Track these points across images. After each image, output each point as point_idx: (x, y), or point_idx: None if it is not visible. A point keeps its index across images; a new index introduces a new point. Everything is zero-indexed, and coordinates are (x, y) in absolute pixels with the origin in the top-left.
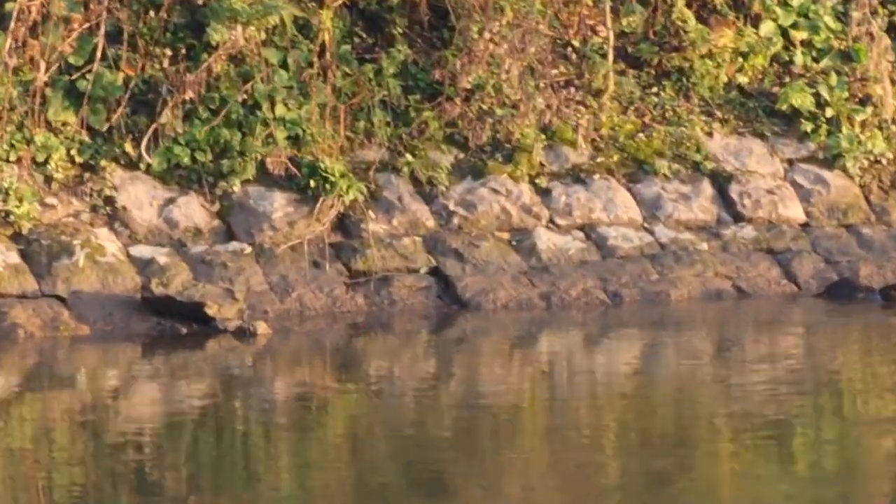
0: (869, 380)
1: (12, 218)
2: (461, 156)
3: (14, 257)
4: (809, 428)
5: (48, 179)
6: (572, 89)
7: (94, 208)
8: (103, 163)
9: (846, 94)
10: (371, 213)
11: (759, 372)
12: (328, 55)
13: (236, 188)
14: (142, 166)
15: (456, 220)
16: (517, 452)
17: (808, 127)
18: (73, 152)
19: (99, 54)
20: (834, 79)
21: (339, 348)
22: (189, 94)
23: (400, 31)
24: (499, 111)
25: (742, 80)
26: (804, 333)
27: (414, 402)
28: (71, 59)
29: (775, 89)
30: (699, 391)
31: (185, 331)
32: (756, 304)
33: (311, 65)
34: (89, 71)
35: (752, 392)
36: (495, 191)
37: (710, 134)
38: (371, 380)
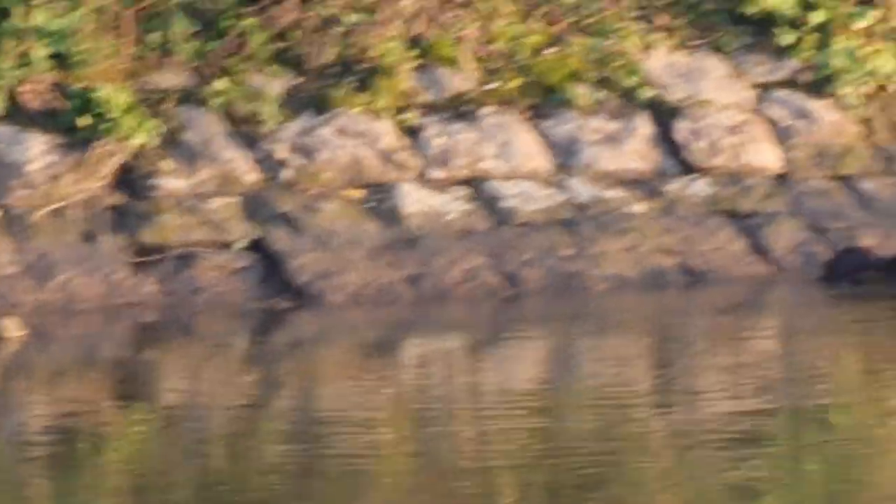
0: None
1: None
2: (296, 81)
3: None
4: None
5: None
6: None
7: None
8: None
9: None
10: (167, 164)
11: (712, 405)
12: None
13: None
14: None
15: (288, 174)
16: None
17: (788, 38)
18: None
19: None
20: None
21: (119, 359)
22: None
23: None
24: (349, 17)
25: None
26: (792, 341)
27: (220, 437)
28: None
29: None
30: (620, 430)
31: None
32: (713, 291)
33: None
34: None
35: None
36: (343, 131)
37: (647, 48)
38: (160, 405)
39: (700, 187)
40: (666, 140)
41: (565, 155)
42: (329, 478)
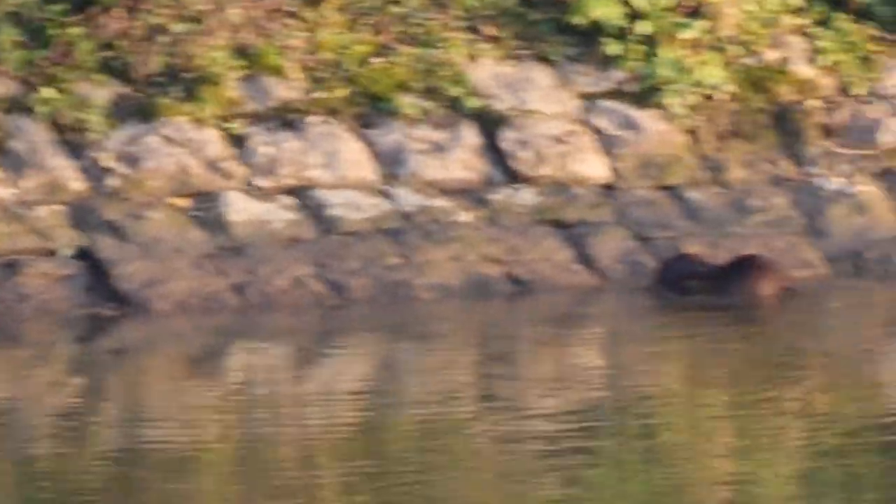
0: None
1: None
2: (122, 90)
3: None
4: None
5: None
6: None
7: None
8: None
9: (669, 3)
10: None
11: (533, 415)
12: None
13: None
14: None
15: (113, 182)
16: None
17: (614, 48)
18: None
19: None
20: None
21: None
22: None
23: None
24: (176, 27)
25: None
26: (616, 350)
27: (42, 440)
28: None
29: None
30: (442, 443)
31: None
32: (539, 300)
33: None
34: None
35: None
36: (169, 139)
37: (474, 58)
38: None
39: (526, 197)
40: (492, 149)
41: (391, 164)
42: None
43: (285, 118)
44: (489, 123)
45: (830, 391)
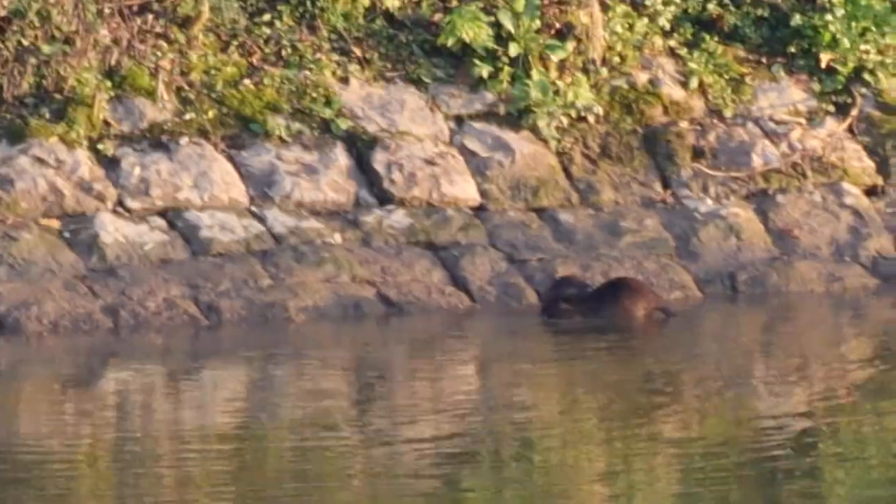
0: None
1: None
2: None
3: None
4: None
5: None
6: (150, 17)
7: None
8: None
9: (538, 24)
10: None
11: (406, 437)
12: None
13: None
14: None
15: None
16: None
17: (485, 70)
18: None
19: None
20: (521, 2)
21: None
22: None
23: None
24: (45, 48)
25: (391, 4)
26: (486, 372)
27: None
28: None
29: (438, 17)
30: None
31: None
32: (410, 322)
33: None
34: None
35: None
36: (40, 160)
37: (345, 80)
38: None
39: (398, 218)
40: (363, 171)
41: (263, 186)
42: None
43: (156, 139)
44: (360, 145)
45: (700, 415)
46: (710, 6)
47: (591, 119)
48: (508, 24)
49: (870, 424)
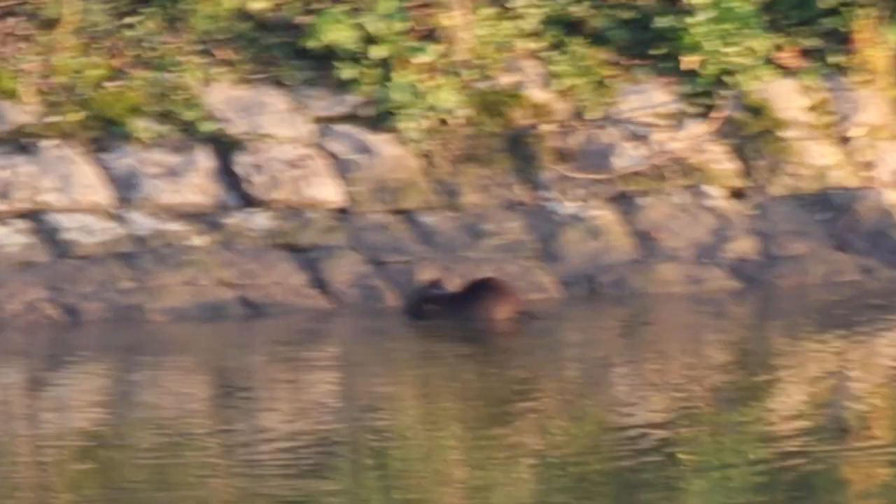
0: None
1: None
2: None
3: None
4: None
5: None
6: (11, 20)
7: None
8: None
9: (403, 27)
10: None
11: (264, 437)
12: None
13: None
14: None
15: None
16: None
17: (349, 73)
18: None
19: None
20: (385, 5)
21: None
22: None
23: None
24: None
25: (256, 6)
26: (347, 375)
27: None
28: None
29: (302, 19)
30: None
31: None
32: (272, 324)
33: None
34: None
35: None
36: None
37: (208, 82)
38: None
39: (260, 220)
40: (226, 173)
41: (126, 188)
42: None
43: (19, 142)
44: (224, 147)
45: (560, 423)
46: (576, 8)
47: (454, 122)
48: (372, 27)
49: (728, 432)
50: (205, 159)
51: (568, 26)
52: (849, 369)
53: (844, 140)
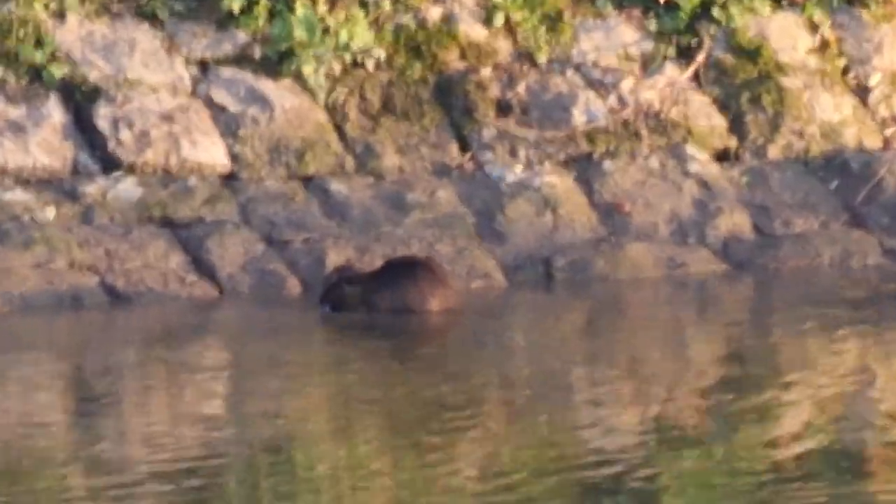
0: None
1: None
2: None
3: None
4: None
5: None
6: None
7: None
8: None
9: None
10: None
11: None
12: None
13: None
14: None
15: None
16: None
17: (235, 4)
18: None
19: None
20: None
21: None
22: None
23: None
24: None
25: None
26: (235, 374)
27: None
28: None
29: None
30: None
31: None
32: (142, 315)
33: None
34: None
35: None
36: None
37: (60, 16)
38: None
39: (127, 189)
40: (83, 130)
41: None
42: None
43: None
44: (79, 97)
45: (504, 438)
46: None
47: (369, 65)
48: None
49: (708, 476)
50: (56, 112)
51: None
52: (868, 379)
53: (860, 89)
